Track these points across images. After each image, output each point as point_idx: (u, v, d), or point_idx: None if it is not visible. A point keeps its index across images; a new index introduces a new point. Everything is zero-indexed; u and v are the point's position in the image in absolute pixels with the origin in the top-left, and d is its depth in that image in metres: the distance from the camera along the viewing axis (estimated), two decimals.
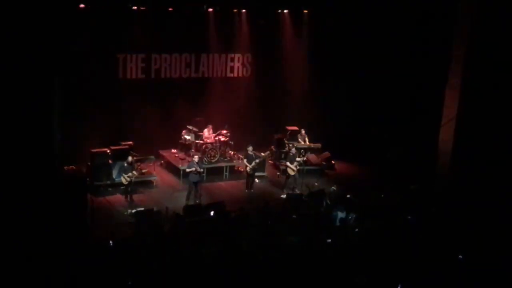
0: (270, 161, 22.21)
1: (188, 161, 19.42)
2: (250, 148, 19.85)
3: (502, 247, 13.32)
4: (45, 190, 13.72)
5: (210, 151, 20.71)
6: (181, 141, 21.45)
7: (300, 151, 20.74)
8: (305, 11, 23.02)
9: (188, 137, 21.23)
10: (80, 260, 12.17)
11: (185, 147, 21.30)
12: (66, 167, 16.41)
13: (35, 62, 13.34)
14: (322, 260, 12.48)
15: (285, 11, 22.80)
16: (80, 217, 14.91)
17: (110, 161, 19.22)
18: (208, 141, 21.02)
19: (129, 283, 11.48)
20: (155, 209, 16.53)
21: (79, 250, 12.95)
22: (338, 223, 15.21)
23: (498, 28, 18.14)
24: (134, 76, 21.10)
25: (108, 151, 19.39)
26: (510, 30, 18.11)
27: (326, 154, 22.31)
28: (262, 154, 20.68)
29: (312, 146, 22.15)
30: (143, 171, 19.87)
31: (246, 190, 19.86)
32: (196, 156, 18.94)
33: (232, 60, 22.86)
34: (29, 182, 13.49)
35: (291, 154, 20.16)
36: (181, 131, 21.42)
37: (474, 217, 15.16)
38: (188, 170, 18.59)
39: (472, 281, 11.97)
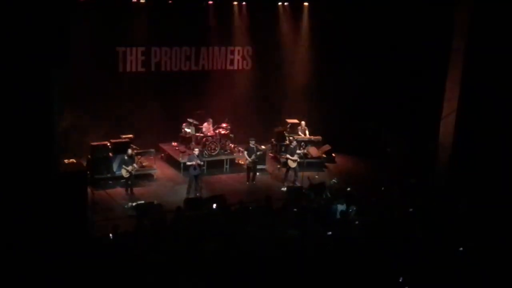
0: (270, 154, 22.22)
1: (189, 154, 19.45)
2: (252, 141, 19.86)
3: (502, 240, 13.33)
4: (44, 183, 13.70)
5: (210, 144, 20.71)
6: (181, 134, 21.46)
7: (300, 143, 20.75)
8: (305, 3, 22.99)
9: (188, 130, 21.23)
10: (81, 254, 12.17)
11: (185, 140, 21.31)
12: (66, 160, 16.42)
13: (33, 55, 13.28)
14: (323, 253, 12.49)
15: (285, 3, 22.77)
16: (80, 210, 14.90)
17: (110, 154, 19.23)
18: (208, 134, 21.03)
19: (130, 277, 11.49)
20: (155, 202, 16.54)
21: (79, 244, 12.96)
22: (338, 216, 15.21)
23: (498, 20, 18.09)
24: (134, 69, 21.10)
25: (108, 144, 19.40)
26: (510, 22, 18.06)
27: (327, 147, 22.30)
28: (263, 147, 20.69)
29: (312, 139, 22.14)
30: (144, 164, 19.91)
31: (247, 183, 19.89)
32: (196, 149, 18.95)
33: (232, 53, 22.83)
34: (29, 176, 13.46)
35: (291, 146, 20.19)
36: (181, 124, 21.43)
37: (475, 210, 15.15)
38: (188, 163, 18.60)
39: (472, 273, 11.98)
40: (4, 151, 13.32)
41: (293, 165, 19.84)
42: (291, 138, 21.40)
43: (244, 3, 22.12)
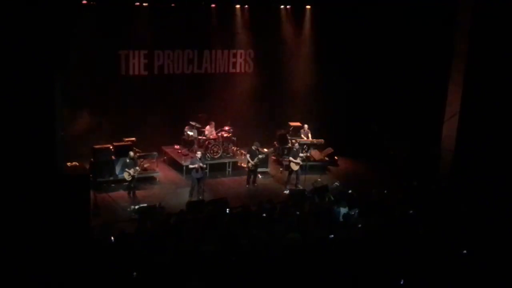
0: (273, 157, 22.22)
1: (191, 157, 19.46)
2: (255, 145, 19.84)
3: (505, 243, 13.30)
4: (47, 186, 13.71)
5: (212, 147, 20.72)
6: (183, 137, 21.47)
7: (303, 146, 20.73)
8: (308, 6, 23.00)
9: (190, 133, 21.25)
10: (83, 257, 12.18)
11: (188, 143, 21.32)
12: (69, 163, 16.42)
13: (36, 59, 13.31)
14: (325, 256, 12.48)
15: (288, 6, 22.78)
16: (83, 213, 14.89)
17: (113, 158, 19.26)
18: (211, 137, 21.04)
19: (133, 276, 11.48)
20: (158, 205, 16.54)
21: (82, 247, 12.96)
22: (341, 219, 15.20)
23: (500, 23, 18.09)
24: (136, 73, 21.12)
25: (111, 147, 19.43)
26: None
27: (329, 149, 22.31)
28: (265, 150, 20.70)
29: (315, 141, 22.15)
30: (146, 167, 19.90)
31: (247, 186, 19.90)
32: (199, 152, 18.96)
33: (235, 56, 22.84)
34: (31, 179, 13.48)
35: (294, 149, 20.19)
36: (184, 127, 21.44)
37: (477, 212, 15.12)
38: (191, 166, 18.62)
39: (475, 276, 11.95)
40: (7, 153, 13.35)
41: (295, 168, 19.85)
42: (293, 141, 21.40)
43: (246, 6, 22.13)
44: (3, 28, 12.96)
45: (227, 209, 15.83)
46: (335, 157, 22.43)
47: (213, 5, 21.47)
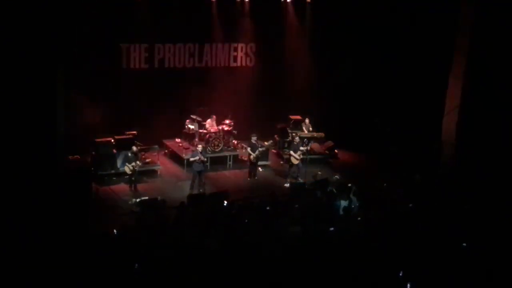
0: (273, 150, 22.26)
1: (192, 151, 19.50)
2: (254, 137, 19.92)
3: (506, 236, 13.34)
4: (48, 180, 13.78)
5: (213, 140, 20.77)
6: (184, 130, 21.51)
7: (303, 140, 20.77)
8: (308, 0, 23.00)
9: (191, 127, 21.29)
10: (84, 250, 12.24)
11: (189, 137, 21.37)
12: (70, 156, 16.49)
13: (38, 53, 13.37)
14: (325, 249, 12.53)
15: (288, 0, 22.78)
16: (84, 206, 14.97)
17: (114, 151, 19.30)
18: (212, 130, 21.09)
19: (135, 269, 11.54)
20: (159, 198, 16.62)
21: (83, 240, 13.02)
22: (341, 212, 15.25)
23: (501, 17, 18.09)
24: (137, 66, 21.14)
25: (112, 140, 19.46)
26: None
27: (329, 143, 22.33)
28: (265, 143, 20.75)
29: (315, 135, 22.17)
30: (147, 160, 19.95)
31: (249, 179, 19.96)
32: (199, 146, 19.00)
33: (236, 49, 22.85)
34: (33, 172, 13.55)
35: (294, 143, 20.21)
36: (185, 121, 21.47)
37: (478, 205, 15.16)
38: (192, 159, 18.67)
39: (475, 269, 12.00)
40: (9, 147, 13.42)
41: (296, 161, 19.88)
42: (294, 134, 21.43)
43: None
44: (6, 22, 13.01)
45: (225, 202, 15.88)
46: (336, 151, 22.46)
47: None
